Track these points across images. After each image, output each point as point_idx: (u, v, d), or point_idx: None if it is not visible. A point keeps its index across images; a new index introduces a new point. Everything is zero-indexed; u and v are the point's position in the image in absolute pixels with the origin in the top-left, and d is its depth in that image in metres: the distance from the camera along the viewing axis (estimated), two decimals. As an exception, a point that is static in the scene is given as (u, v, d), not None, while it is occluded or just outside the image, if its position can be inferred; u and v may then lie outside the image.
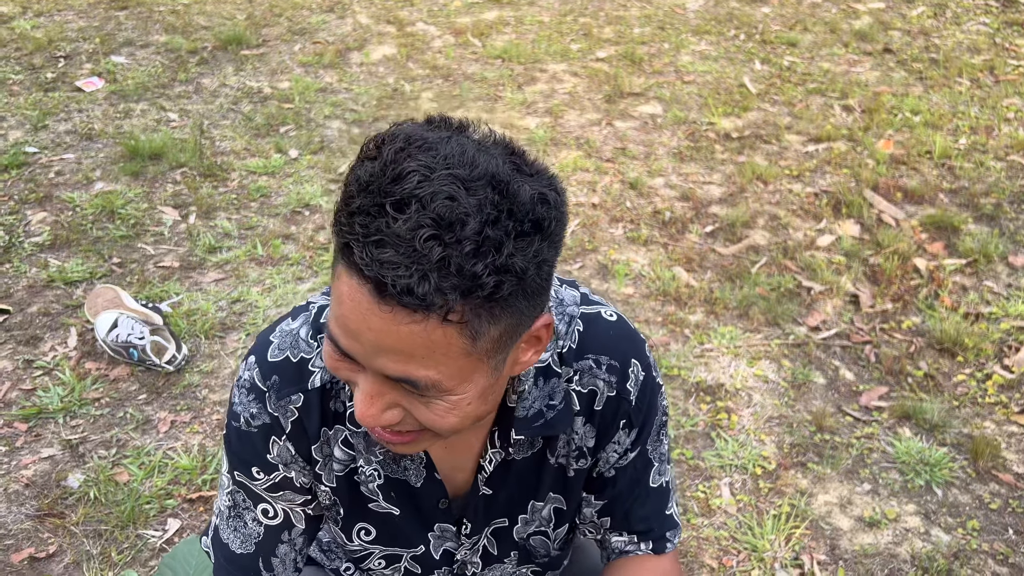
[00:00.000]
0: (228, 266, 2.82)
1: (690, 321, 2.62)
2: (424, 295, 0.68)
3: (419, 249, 0.67)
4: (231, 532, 1.04)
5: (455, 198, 0.68)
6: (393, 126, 0.75)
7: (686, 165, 3.42)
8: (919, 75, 4.13)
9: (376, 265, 0.68)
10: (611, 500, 1.07)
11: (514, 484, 1.03)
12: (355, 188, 0.70)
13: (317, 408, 0.96)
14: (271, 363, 0.96)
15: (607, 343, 1.00)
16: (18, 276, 2.74)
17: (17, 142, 3.46)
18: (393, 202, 0.68)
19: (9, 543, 1.93)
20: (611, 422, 1.01)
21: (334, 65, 4.19)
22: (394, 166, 0.70)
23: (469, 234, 0.68)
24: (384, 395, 0.79)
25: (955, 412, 2.34)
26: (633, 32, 4.58)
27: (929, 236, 3.02)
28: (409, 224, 0.67)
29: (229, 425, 1.00)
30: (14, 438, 2.18)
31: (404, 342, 0.72)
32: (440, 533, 1.06)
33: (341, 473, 1.01)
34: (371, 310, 0.71)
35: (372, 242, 0.68)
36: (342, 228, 0.70)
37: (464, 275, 0.68)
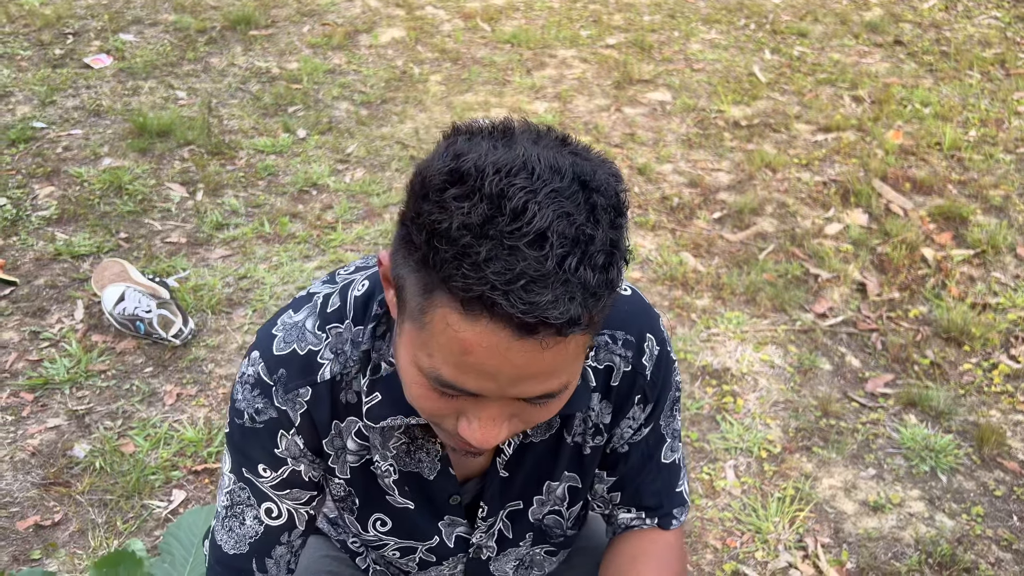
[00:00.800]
0: (235, 243, 2.82)
1: (697, 306, 2.62)
2: (579, 319, 0.68)
3: (571, 280, 0.67)
4: (225, 533, 1.02)
5: (569, 214, 0.67)
6: (450, 150, 0.71)
7: (695, 152, 3.41)
8: (929, 67, 4.11)
9: (536, 308, 0.66)
10: (623, 476, 1.06)
11: (530, 467, 1.02)
12: (470, 235, 0.66)
13: (327, 401, 0.94)
14: (277, 356, 0.93)
15: (623, 318, 0.99)
16: (25, 249, 2.74)
17: (25, 117, 3.45)
18: (527, 242, 0.66)
19: (15, 511, 1.94)
20: (626, 397, 1.01)
21: (343, 47, 4.18)
22: (504, 201, 0.67)
23: (599, 247, 0.68)
24: (504, 414, 0.77)
25: (961, 400, 2.34)
26: (643, 20, 4.57)
27: (937, 226, 3.01)
28: (553, 260, 0.66)
29: (232, 423, 0.97)
30: (20, 408, 2.19)
31: (548, 364, 0.71)
32: (450, 522, 1.05)
33: (356, 464, 0.99)
34: (511, 347, 0.69)
35: (521, 287, 0.66)
36: (469, 280, 0.66)
37: (607, 286, 0.70)
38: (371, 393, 0.93)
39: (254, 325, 2.48)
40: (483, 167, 0.68)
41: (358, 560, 1.25)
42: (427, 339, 0.73)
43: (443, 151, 0.72)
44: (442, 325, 0.70)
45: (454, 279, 0.67)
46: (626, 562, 1.06)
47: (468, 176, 0.68)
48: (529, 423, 0.81)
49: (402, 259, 0.74)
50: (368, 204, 3.04)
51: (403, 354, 0.79)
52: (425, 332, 0.73)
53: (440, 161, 0.71)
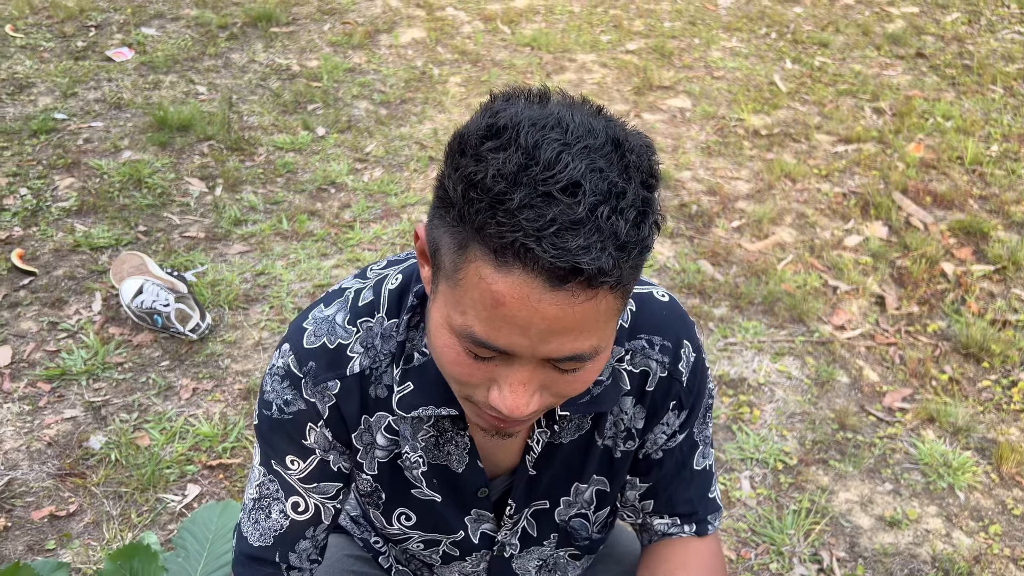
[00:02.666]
0: (253, 239, 2.82)
1: (714, 314, 2.61)
2: (610, 271, 0.69)
3: (604, 228, 0.67)
4: (251, 525, 1.02)
5: (602, 170, 0.69)
6: (488, 111, 0.74)
7: (714, 160, 3.40)
8: (952, 81, 4.09)
9: (567, 254, 0.67)
10: (656, 482, 1.06)
11: (560, 466, 1.02)
12: (504, 183, 0.68)
13: (356, 394, 0.94)
14: (307, 349, 0.94)
15: (660, 323, 0.99)
16: (45, 240, 2.74)
17: (47, 108, 3.47)
18: (560, 188, 0.67)
19: (30, 500, 1.94)
20: (661, 403, 1.00)
21: (363, 46, 4.18)
22: (538, 151, 0.68)
23: (631, 201, 0.69)
24: (535, 381, 0.77)
25: (979, 417, 2.32)
26: (663, 26, 4.56)
27: (957, 241, 2.99)
28: (585, 206, 0.67)
29: (261, 415, 0.98)
30: (37, 398, 2.19)
31: (578, 320, 0.71)
32: (476, 517, 1.05)
33: (384, 460, 0.99)
34: (543, 299, 0.69)
35: (553, 232, 0.67)
36: (503, 227, 0.67)
37: (638, 241, 0.70)
38: (403, 382, 0.93)
39: (271, 322, 2.48)
40: (519, 121, 0.70)
41: (380, 559, 1.25)
42: (460, 295, 0.74)
43: (481, 112, 0.74)
44: (475, 279, 0.71)
45: (488, 227, 0.68)
46: (675, 568, 1.05)
47: (504, 130, 0.70)
48: (560, 396, 0.81)
49: (438, 221, 0.75)
50: (386, 204, 3.04)
51: (436, 318, 0.79)
52: (459, 289, 0.73)
53: (478, 120, 0.73)
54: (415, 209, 3.01)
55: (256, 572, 1.03)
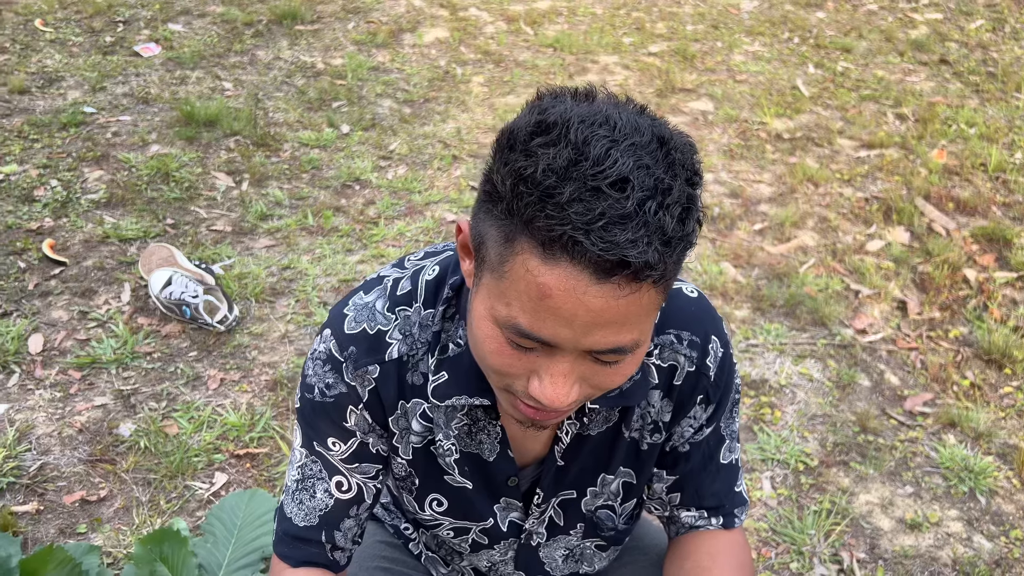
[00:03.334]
0: (279, 233, 2.85)
1: (736, 316, 2.62)
2: (656, 265, 0.70)
3: (651, 223, 0.69)
4: (296, 506, 1.05)
5: (649, 166, 0.71)
6: (536, 108, 0.76)
7: (736, 163, 3.41)
8: (975, 88, 4.09)
9: (615, 247, 0.69)
10: (683, 476, 1.08)
11: (587, 458, 1.04)
12: (554, 178, 0.70)
13: (394, 380, 0.97)
14: (348, 335, 0.96)
15: (688, 318, 1.00)
16: (75, 231, 2.79)
17: (76, 102, 3.51)
18: (609, 183, 0.69)
19: (62, 484, 1.97)
20: (689, 397, 1.02)
21: (387, 45, 4.22)
22: (588, 147, 0.70)
23: (677, 197, 0.71)
24: (575, 372, 0.79)
25: (1001, 423, 2.32)
26: (686, 29, 4.57)
27: (980, 248, 2.99)
28: (633, 201, 0.69)
29: (303, 398, 1.00)
30: (68, 385, 2.23)
31: (621, 313, 0.73)
32: (505, 505, 1.07)
33: (419, 445, 1.01)
34: (589, 291, 0.71)
35: (601, 226, 0.68)
36: (552, 220, 0.69)
37: (682, 237, 0.72)
38: (438, 372, 0.95)
39: (296, 315, 2.51)
40: (568, 118, 0.72)
41: (411, 546, 1.27)
42: (506, 288, 0.75)
43: (529, 109, 0.76)
44: (522, 271, 0.73)
45: (537, 220, 0.70)
46: (702, 559, 1.07)
47: (553, 126, 0.72)
48: (598, 389, 0.82)
49: (484, 215, 0.77)
50: (410, 201, 3.06)
51: (479, 310, 0.80)
52: (505, 281, 0.75)
53: (526, 116, 0.75)
54: (438, 207, 3.04)
55: (300, 551, 1.05)
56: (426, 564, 1.27)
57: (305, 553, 1.05)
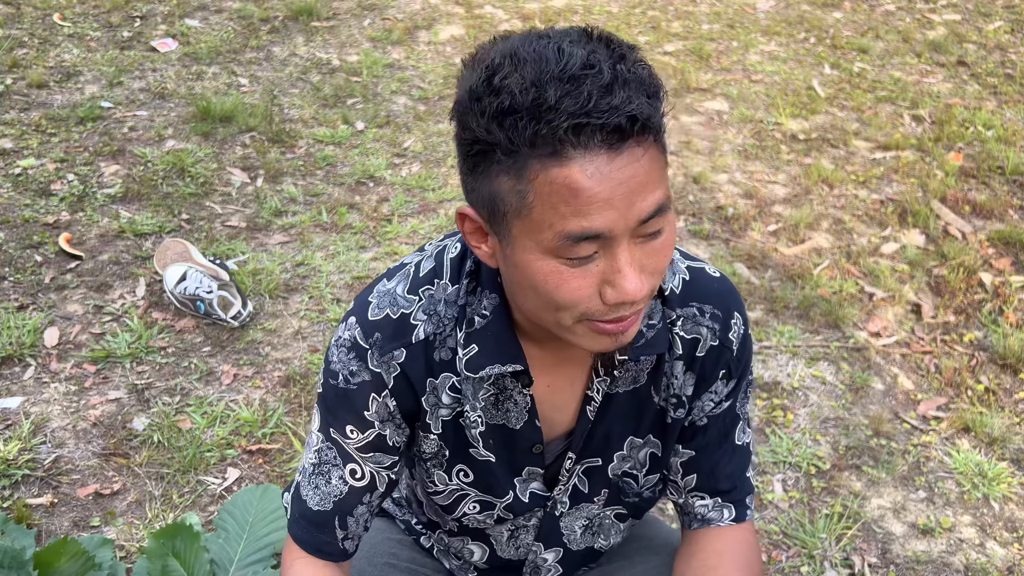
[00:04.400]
0: (293, 230, 2.86)
1: (750, 318, 2.60)
2: (653, 115, 0.77)
3: (631, 80, 0.75)
4: (311, 489, 1.06)
5: (596, 50, 0.77)
6: (473, 65, 0.81)
7: (751, 163, 3.40)
8: (993, 89, 4.05)
9: (617, 110, 0.74)
10: (699, 451, 1.09)
11: (615, 419, 1.05)
12: (533, 91, 0.74)
13: (422, 360, 0.98)
14: (372, 321, 0.98)
15: (711, 294, 1.03)
16: (90, 225, 2.80)
17: (93, 96, 3.54)
18: (580, 68, 0.75)
19: (76, 478, 1.99)
20: (711, 371, 1.04)
21: (402, 42, 4.22)
22: (544, 54, 0.76)
23: (636, 58, 0.78)
24: (635, 261, 0.82)
25: (1016, 428, 2.31)
26: (702, 28, 4.56)
27: (996, 251, 2.97)
28: (607, 73, 0.75)
29: (326, 383, 1.02)
30: (83, 378, 2.24)
31: (646, 172, 0.78)
32: (527, 476, 1.08)
33: (448, 418, 1.03)
34: (612, 166, 0.76)
35: (595, 101, 0.74)
36: (552, 123, 0.74)
37: (660, 86, 0.79)
38: (468, 346, 0.97)
39: (310, 311, 2.52)
40: (511, 48, 0.78)
41: (422, 540, 1.27)
42: (539, 215, 0.79)
43: (469, 70, 0.81)
44: (546, 188, 0.77)
45: (539, 133, 0.75)
46: (709, 557, 1.09)
47: (504, 61, 0.77)
48: (656, 274, 0.85)
49: (483, 178, 0.81)
50: (424, 199, 3.07)
51: (525, 258, 0.83)
52: (535, 210, 0.79)
53: (472, 74, 0.80)
54: (452, 204, 3.04)
55: (314, 537, 1.07)
56: (438, 557, 1.28)
57: (318, 541, 1.07)
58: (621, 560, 1.27)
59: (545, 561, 1.18)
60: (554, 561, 1.18)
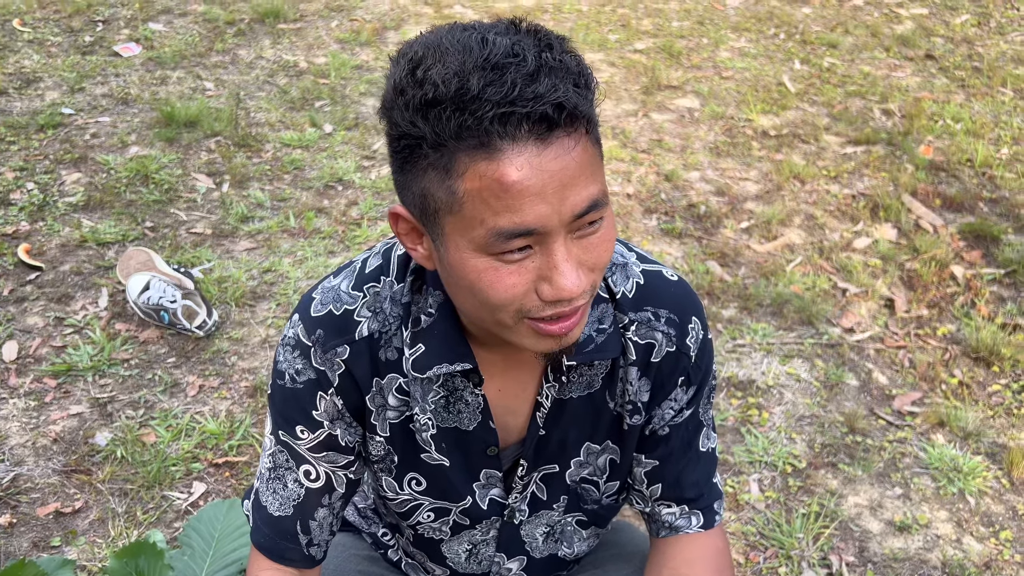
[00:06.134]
0: (260, 236, 2.81)
1: (723, 316, 2.60)
2: (581, 105, 0.75)
3: (557, 68, 0.73)
4: (270, 495, 1.04)
5: (520, 40, 0.75)
6: (398, 61, 0.79)
7: (722, 160, 3.39)
8: (961, 83, 4.07)
9: (541, 98, 0.72)
10: (662, 460, 1.07)
11: (570, 424, 1.02)
12: (457, 80, 0.72)
13: (366, 357, 0.96)
14: (315, 318, 0.96)
15: (667, 298, 1.00)
16: (51, 234, 2.74)
17: (54, 103, 3.46)
18: (503, 56, 0.73)
19: (36, 496, 1.93)
20: (669, 377, 1.01)
21: (371, 43, 4.17)
22: (467, 44, 0.74)
23: (561, 47, 0.76)
24: (572, 256, 0.79)
25: (990, 422, 2.31)
26: (672, 25, 4.55)
27: (967, 244, 2.98)
28: (532, 60, 0.73)
29: (274, 384, 1.00)
30: (43, 393, 2.18)
31: (578, 164, 0.76)
32: (485, 481, 1.05)
33: (396, 421, 1.00)
34: (542, 157, 0.74)
35: (520, 89, 0.72)
36: (477, 113, 0.72)
37: (589, 77, 0.77)
38: (415, 345, 0.95)
39: (278, 319, 2.47)
40: (434, 40, 0.76)
41: (390, 553, 1.24)
42: (470, 210, 0.76)
43: (393, 66, 0.79)
44: (476, 182, 0.74)
45: (464, 123, 0.72)
46: (679, 566, 1.06)
47: (426, 53, 0.75)
48: (596, 269, 0.82)
49: (412, 174, 0.79)
50: (393, 201, 3.03)
51: (458, 256, 0.80)
52: (466, 205, 0.76)
53: (396, 70, 0.78)
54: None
55: (277, 544, 1.04)
56: (406, 571, 1.25)
57: (282, 548, 1.04)
58: (592, 569, 1.24)
59: (509, 572, 1.16)
60: (519, 570, 1.16)
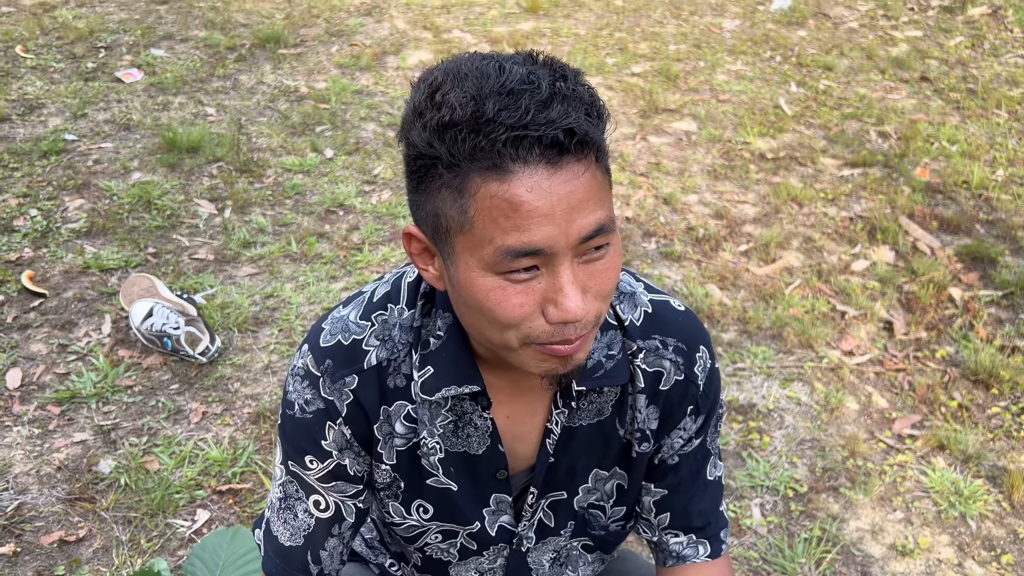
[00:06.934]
0: (262, 261, 2.82)
1: (723, 339, 2.61)
2: (593, 133, 0.77)
3: (570, 96, 0.76)
4: (281, 524, 1.05)
5: (536, 70, 0.78)
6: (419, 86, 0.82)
7: (720, 183, 3.41)
8: (956, 105, 4.11)
9: (553, 124, 0.75)
10: (671, 490, 1.07)
11: (579, 451, 1.03)
12: (473, 104, 0.75)
13: (375, 386, 0.97)
14: (323, 348, 0.98)
15: (675, 327, 1.02)
16: (55, 261, 2.75)
17: (57, 129, 3.49)
18: (519, 82, 0.76)
19: (40, 525, 1.93)
20: (678, 406, 1.02)
21: (370, 68, 4.21)
22: (485, 70, 0.77)
23: (575, 79, 0.79)
24: (578, 280, 0.81)
25: (990, 444, 2.32)
26: (669, 49, 4.59)
27: (964, 266, 3.00)
28: (546, 88, 0.76)
29: (283, 414, 1.01)
30: (47, 421, 2.19)
31: (587, 190, 0.78)
32: (496, 507, 1.06)
33: (403, 448, 1.01)
34: (552, 181, 0.76)
35: (533, 115, 0.75)
36: (491, 135, 0.75)
37: (601, 108, 0.79)
38: (423, 367, 0.96)
39: (280, 345, 2.48)
40: (452, 68, 0.79)
41: (398, 583, 1.25)
42: (480, 229, 0.78)
43: (414, 90, 0.82)
44: (487, 202, 0.77)
45: (478, 145, 0.75)
46: None
47: (444, 79, 0.79)
48: (602, 297, 0.84)
49: (426, 194, 0.82)
50: (394, 226, 3.05)
51: (467, 276, 0.82)
52: (476, 225, 0.78)
53: (416, 93, 0.81)
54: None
55: (287, 574, 1.04)
56: None
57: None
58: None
59: None
60: None
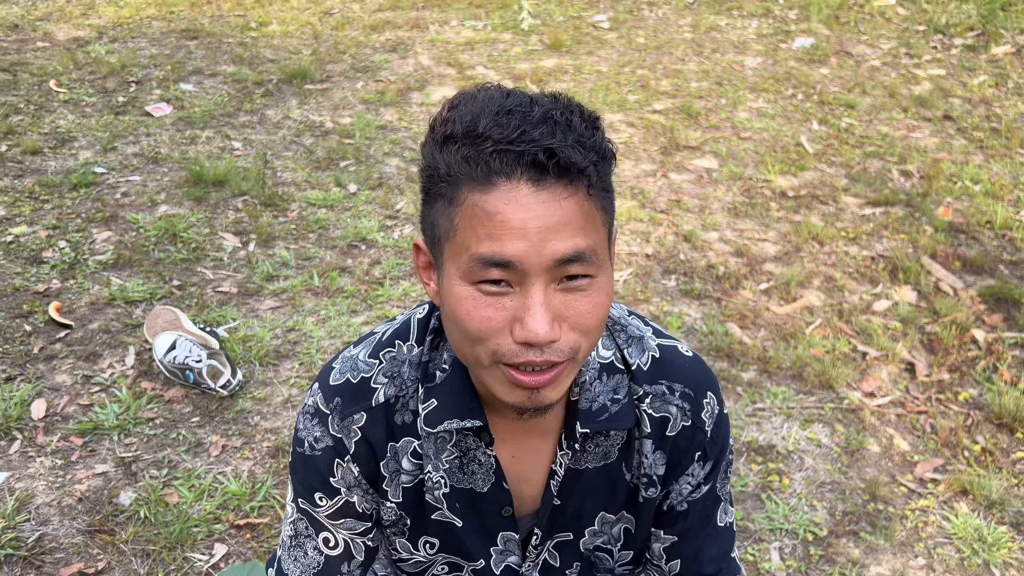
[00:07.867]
0: (284, 295, 2.86)
1: (743, 379, 2.60)
2: (580, 162, 0.79)
3: (560, 122, 0.80)
4: (292, 562, 1.06)
5: (544, 103, 0.83)
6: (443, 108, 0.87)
7: (741, 221, 3.42)
8: (980, 144, 4.10)
9: (536, 143, 0.78)
10: (681, 536, 1.08)
11: (585, 494, 1.04)
12: (471, 117, 0.80)
13: (382, 423, 0.99)
14: (332, 386, 1.00)
15: (682, 372, 1.03)
16: (81, 292, 2.80)
17: (87, 162, 3.56)
18: (517, 105, 0.80)
19: (60, 556, 1.95)
20: (685, 452, 1.03)
21: (395, 104, 4.27)
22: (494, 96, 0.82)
23: (580, 115, 0.82)
24: (551, 305, 0.82)
25: (1014, 490, 2.28)
26: (690, 86, 4.62)
27: (988, 307, 2.97)
28: (540, 111, 0.80)
29: (294, 451, 1.03)
30: (70, 452, 2.22)
31: (566, 215, 0.80)
32: (503, 547, 1.06)
33: (409, 485, 1.02)
34: (531, 198, 0.79)
35: (520, 133, 0.78)
36: (479, 147, 0.79)
37: (595, 145, 0.81)
38: (428, 400, 0.98)
39: (300, 379, 2.50)
40: (472, 92, 0.85)
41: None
42: (460, 238, 0.82)
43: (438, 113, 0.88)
44: (469, 210, 0.80)
45: (469, 155, 0.80)
46: None
47: (461, 100, 0.85)
48: (581, 330, 0.84)
49: (429, 205, 0.86)
50: (415, 261, 3.07)
51: (449, 286, 0.84)
52: (458, 234, 0.82)
53: (434, 117, 0.87)
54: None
55: None
56: None
57: None
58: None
59: None
60: None
